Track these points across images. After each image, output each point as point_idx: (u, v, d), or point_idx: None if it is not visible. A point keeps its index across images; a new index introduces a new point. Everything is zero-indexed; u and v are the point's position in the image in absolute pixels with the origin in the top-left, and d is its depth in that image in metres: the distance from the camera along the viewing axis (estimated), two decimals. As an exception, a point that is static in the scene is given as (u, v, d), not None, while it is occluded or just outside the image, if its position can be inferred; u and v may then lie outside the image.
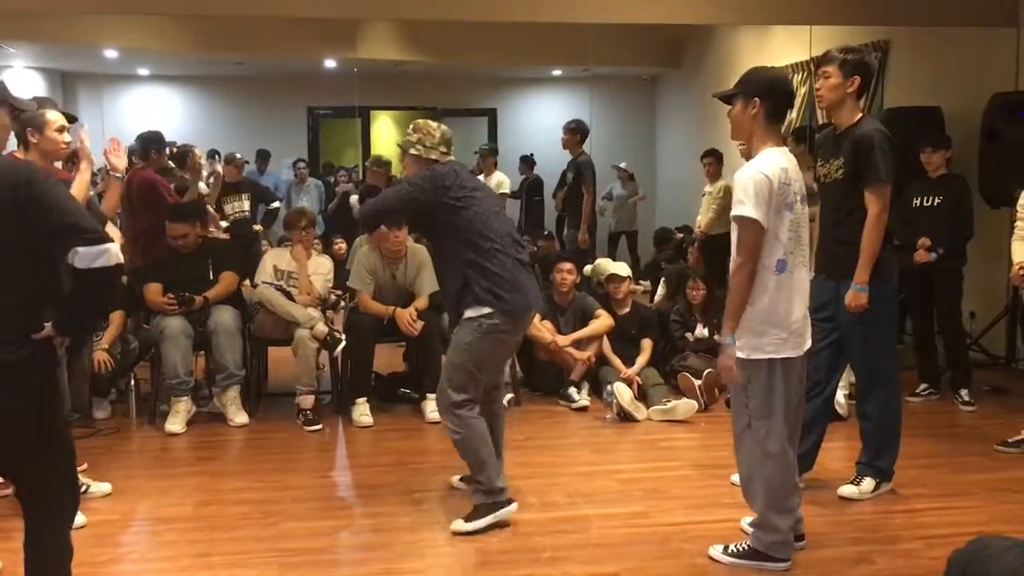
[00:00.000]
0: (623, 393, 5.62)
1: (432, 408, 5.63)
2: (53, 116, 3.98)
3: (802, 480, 3.87)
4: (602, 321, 6.14)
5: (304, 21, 9.78)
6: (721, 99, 3.56)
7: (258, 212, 8.71)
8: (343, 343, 5.59)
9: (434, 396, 5.64)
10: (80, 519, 3.35)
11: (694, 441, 5.29)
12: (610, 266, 6.61)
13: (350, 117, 13.93)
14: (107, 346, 5.42)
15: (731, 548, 3.59)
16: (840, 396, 5.19)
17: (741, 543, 3.60)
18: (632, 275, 6.72)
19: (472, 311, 3.80)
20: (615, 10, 6.80)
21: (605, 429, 5.54)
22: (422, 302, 5.68)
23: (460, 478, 4.36)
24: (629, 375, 5.89)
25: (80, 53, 11.35)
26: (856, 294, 3.99)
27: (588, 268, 6.90)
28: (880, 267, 4.02)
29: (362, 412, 5.58)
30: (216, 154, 11.42)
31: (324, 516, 4.11)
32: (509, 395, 5.79)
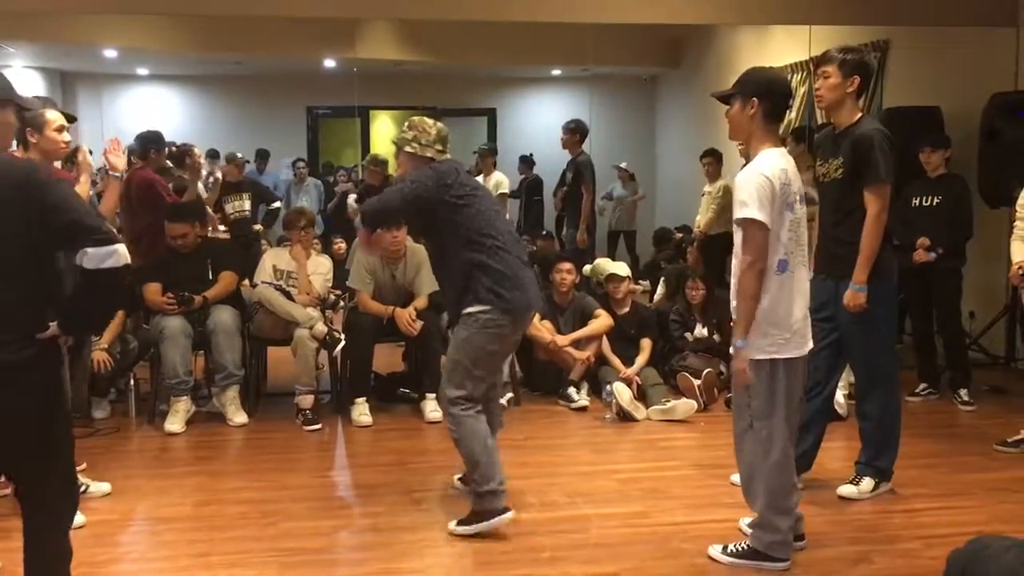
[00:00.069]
0: (622, 393, 5.62)
1: (432, 408, 5.64)
2: (52, 116, 3.98)
3: (801, 480, 3.86)
4: (601, 321, 6.14)
5: (303, 21, 9.77)
6: (719, 99, 3.56)
7: (259, 212, 8.71)
8: (342, 343, 5.59)
9: (433, 396, 5.69)
10: (79, 519, 3.35)
11: (693, 441, 5.29)
12: (609, 266, 6.61)
13: (349, 117, 13.92)
14: (106, 346, 5.41)
15: (730, 548, 3.59)
16: (839, 396, 5.19)
17: (740, 543, 3.60)
18: (631, 275, 6.72)
19: (472, 308, 3.77)
20: (615, 10, 6.80)
21: (604, 429, 5.54)
22: (421, 302, 5.68)
23: (459, 478, 4.35)
24: (628, 375, 5.89)
25: (79, 53, 11.35)
26: (854, 294, 3.99)
27: (587, 268, 6.90)
28: (879, 267, 4.02)
29: (361, 412, 5.58)
30: (215, 154, 11.45)
31: (323, 516, 4.11)
32: (508, 395, 5.80)
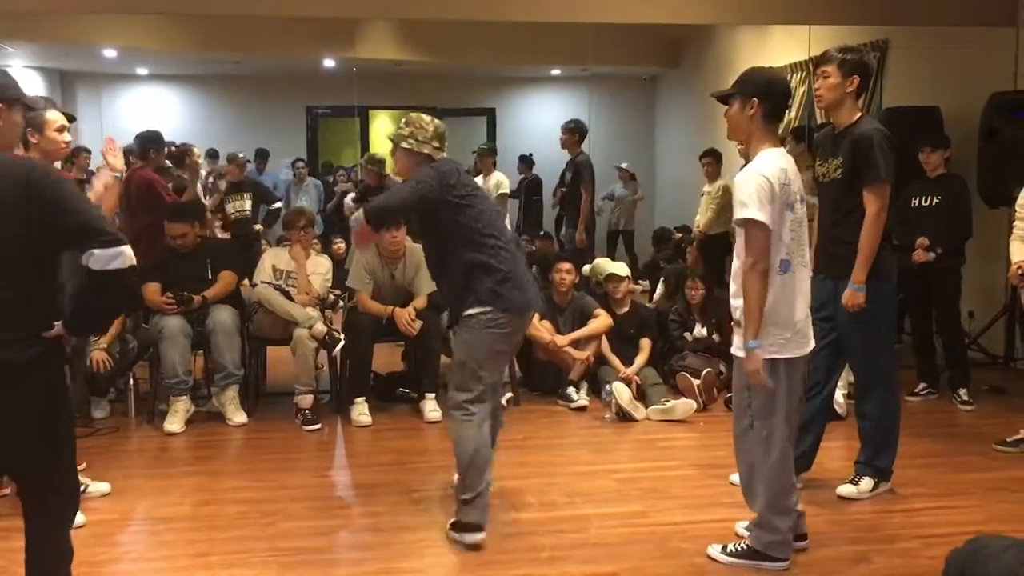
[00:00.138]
0: (622, 393, 5.62)
1: (431, 408, 5.64)
2: (53, 116, 3.97)
3: (800, 480, 3.87)
4: (601, 321, 6.14)
5: (303, 20, 9.77)
6: (718, 99, 3.55)
7: (259, 212, 8.71)
8: (342, 343, 5.59)
9: (432, 396, 5.70)
10: (80, 519, 3.35)
11: (693, 441, 5.29)
12: (609, 266, 6.61)
13: (349, 116, 13.91)
14: (106, 346, 5.41)
15: (730, 547, 3.60)
16: (839, 396, 5.19)
17: (740, 542, 3.60)
18: (630, 275, 6.72)
19: (473, 309, 3.74)
20: (614, 10, 6.80)
21: (604, 429, 5.54)
22: (421, 301, 5.67)
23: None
24: (628, 375, 5.89)
25: (79, 52, 11.35)
26: (853, 293, 3.99)
27: (587, 268, 6.91)
28: (879, 267, 4.02)
29: (361, 412, 5.58)
30: (215, 153, 11.46)
31: (323, 516, 4.11)
32: (508, 395, 5.80)
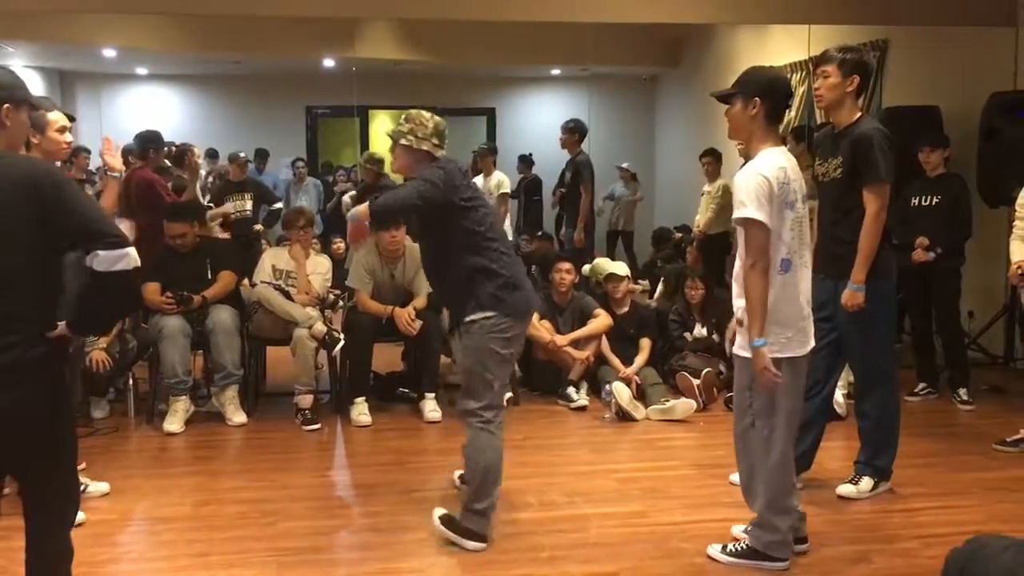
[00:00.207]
0: (622, 392, 5.62)
1: (431, 408, 5.64)
2: (55, 116, 3.96)
3: (800, 480, 3.87)
4: (600, 320, 6.14)
5: (302, 20, 9.77)
6: (719, 99, 3.54)
7: (260, 212, 8.71)
8: (341, 342, 5.58)
9: (432, 396, 5.70)
10: (80, 516, 3.34)
11: (692, 440, 5.29)
12: (609, 266, 6.61)
13: (348, 116, 13.92)
14: (105, 345, 5.41)
15: (729, 547, 3.59)
16: (838, 395, 5.19)
17: (740, 542, 3.59)
18: (630, 275, 6.72)
19: (476, 315, 3.68)
20: (614, 10, 6.80)
21: (604, 428, 5.54)
22: (420, 301, 5.67)
23: (460, 475, 4.33)
24: (628, 374, 5.89)
25: (78, 52, 11.35)
26: (852, 293, 3.99)
27: (587, 268, 6.90)
28: (879, 266, 4.02)
29: (360, 411, 5.57)
30: (215, 153, 11.46)
31: (322, 516, 4.11)
32: (508, 394, 5.79)
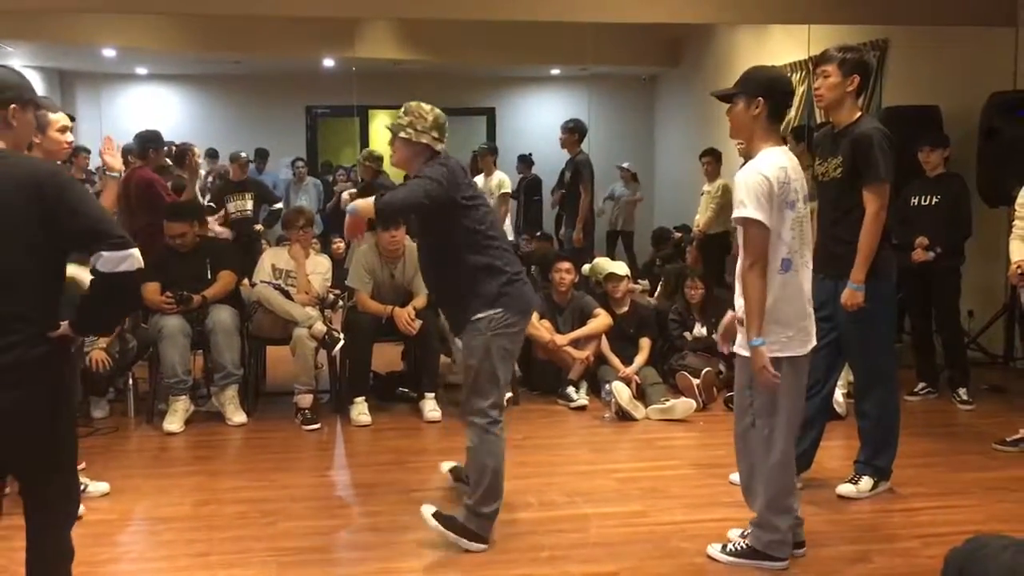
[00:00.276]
0: (621, 392, 5.62)
1: (431, 407, 5.64)
2: (56, 116, 3.96)
3: (800, 480, 3.86)
4: (600, 320, 6.14)
5: (302, 20, 9.77)
6: (720, 98, 3.53)
7: (261, 212, 8.71)
8: (341, 342, 5.59)
9: (432, 395, 5.70)
10: (79, 509, 3.34)
11: (692, 440, 5.29)
12: (608, 265, 6.61)
13: (348, 116, 13.93)
14: (105, 345, 5.40)
15: (729, 547, 3.59)
16: (838, 395, 5.19)
17: (739, 542, 3.60)
18: (630, 274, 6.72)
19: (482, 313, 3.64)
20: (614, 9, 6.80)
21: (603, 428, 5.54)
22: (420, 301, 5.67)
23: (451, 468, 4.32)
24: (627, 374, 5.89)
25: (78, 52, 11.35)
26: (852, 293, 3.99)
27: (586, 267, 6.90)
28: (878, 266, 4.02)
29: (360, 411, 5.57)
30: (215, 153, 11.46)
31: (322, 515, 4.11)
32: (507, 394, 5.79)
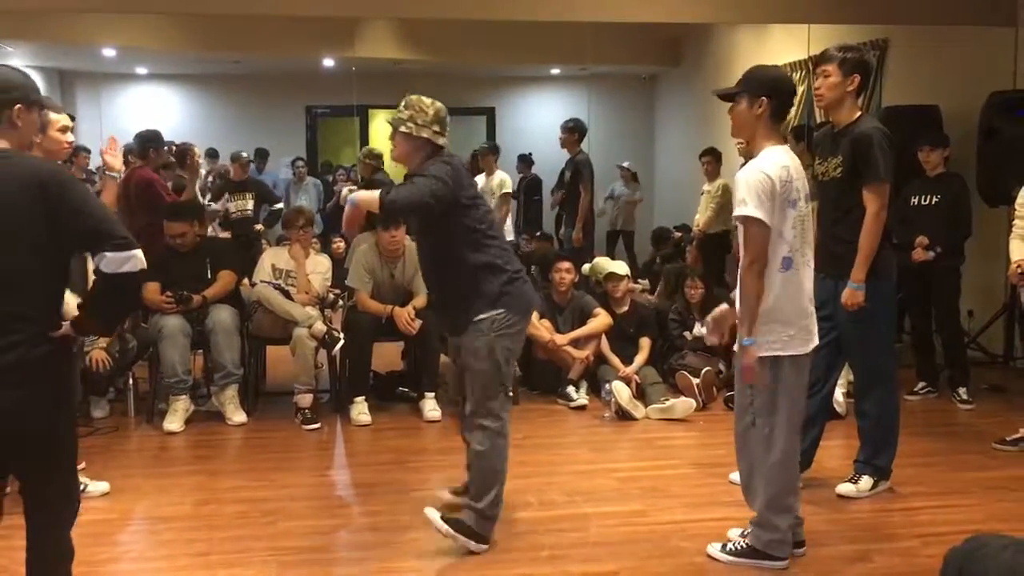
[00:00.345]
0: (621, 392, 5.62)
1: (431, 407, 5.64)
2: (56, 116, 3.96)
3: (800, 479, 3.85)
4: (600, 320, 6.14)
5: (302, 20, 9.77)
6: (722, 97, 3.53)
7: (261, 212, 8.71)
8: (341, 342, 5.59)
9: (432, 395, 5.69)
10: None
11: (692, 439, 5.29)
12: (608, 265, 6.61)
13: (348, 116, 13.93)
14: (105, 345, 5.40)
15: (729, 546, 3.59)
16: (838, 394, 5.19)
17: (739, 541, 3.60)
18: (630, 274, 6.72)
19: (484, 313, 3.61)
20: (614, 9, 6.80)
21: (603, 428, 5.54)
22: (420, 301, 5.67)
23: (452, 491, 4.12)
24: (627, 374, 5.89)
25: (78, 52, 11.35)
26: (852, 292, 3.99)
27: (586, 267, 6.90)
28: (879, 266, 4.02)
29: (360, 411, 5.57)
30: (215, 153, 11.46)
31: (322, 515, 4.11)
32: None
